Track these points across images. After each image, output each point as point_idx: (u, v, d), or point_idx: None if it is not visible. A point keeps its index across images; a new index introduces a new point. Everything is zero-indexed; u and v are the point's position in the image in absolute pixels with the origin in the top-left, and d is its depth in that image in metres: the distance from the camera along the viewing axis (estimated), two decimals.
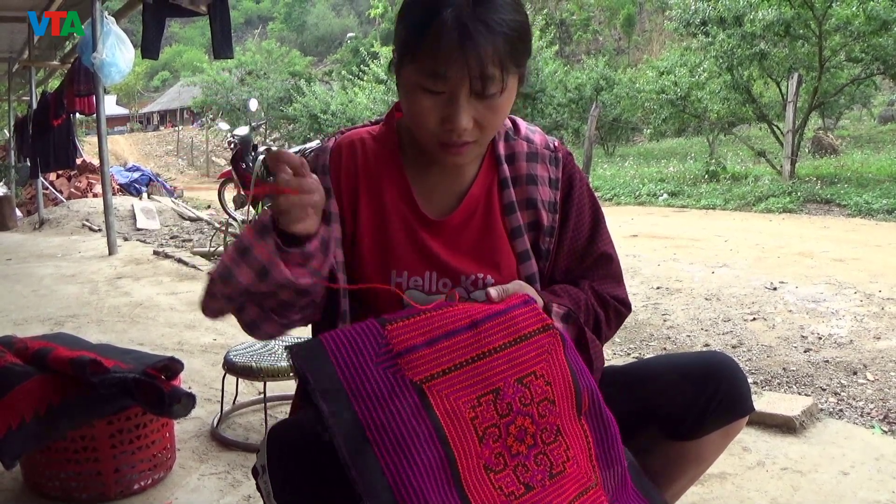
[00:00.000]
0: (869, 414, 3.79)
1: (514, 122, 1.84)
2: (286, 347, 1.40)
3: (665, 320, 5.61)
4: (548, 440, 1.45)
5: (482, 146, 1.66)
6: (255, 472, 1.54)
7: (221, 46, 8.14)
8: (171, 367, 2.73)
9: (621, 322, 1.85)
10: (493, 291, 1.54)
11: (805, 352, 4.71)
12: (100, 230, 11.03)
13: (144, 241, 10.35)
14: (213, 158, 36.87)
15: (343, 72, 36.91)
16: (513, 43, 1.51)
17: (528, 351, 1.47)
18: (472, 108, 1.55)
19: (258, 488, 1.53)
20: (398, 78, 1.60)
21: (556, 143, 1.84)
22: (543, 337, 1.50)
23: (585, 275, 1.81)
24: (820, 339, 4.94)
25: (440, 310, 1.47)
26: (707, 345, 4.98)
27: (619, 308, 1.82)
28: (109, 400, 2.56)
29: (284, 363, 3.08)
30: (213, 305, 1.52)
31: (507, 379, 1.43)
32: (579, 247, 1.80)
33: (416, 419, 1.34)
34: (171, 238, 10.96)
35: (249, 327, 1.60)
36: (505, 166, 1.77)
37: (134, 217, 12.33)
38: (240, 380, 3.44)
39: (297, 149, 13.30)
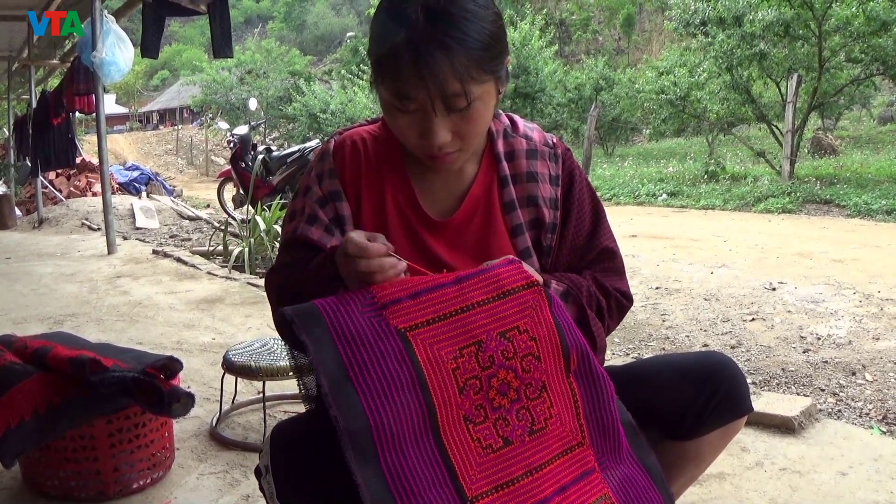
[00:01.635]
0: (868, 414, 3.79)
1: (511, 120, 1.84)
2: (278, 310, 1.42)
3: (664, 320, 5.61)
4: (532, 395, 1.46)
5: (469, 151, 1.67)
6: (258, 473, 1.54)
7: (221, 45, 8.17)
8: (171, 366, 2.73)
9: (623, 314, 1.85)
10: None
11: (804, 352, 4.71)
12: (99, 229, 11.03)
13: (144, 241, 10.35)
14: (213, 158, 36.85)
15: (342, 71, 36.89)
16: (476, 54, 1.50)
17: (511, 306, 1.49)
18: (448, 121, 1.55)
19: (261, 489, 1.53)
20: (377, 94, 1.61)
21: (555, 140, 1.84)
22: (527, 293, 1.51)
23: (588, 269, 1.81)
24: (819, 339, 4.94)
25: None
26: (706, 345, 4.98)
27: (620, 300, 1.81)
28: (109, 399, 2.55)
29: (283, 362, 3.08)
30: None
31: (490, 332, 1.45)
32: (580, 242, 1.81)
33: (398, 363, 1.37)
34: (171, 237, 10.96)
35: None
36: (504, 164, 1.77)
37: (133, 216, 12.32)
38: (239, 379, 3.44)
39: (296, 148, 13.33)
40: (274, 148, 14.32)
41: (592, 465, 1.49)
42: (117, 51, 8.30)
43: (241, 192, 12.81)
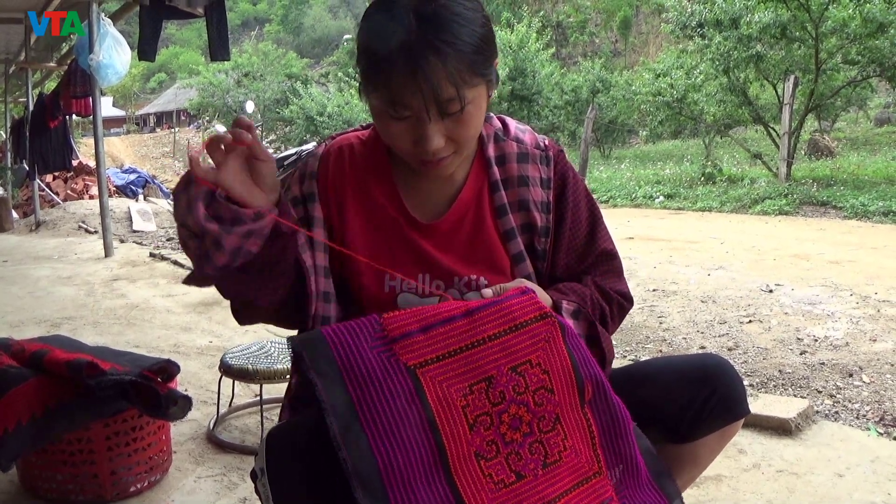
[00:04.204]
0: (864, 416, 3.79)
1: (503, 122, 1.83)
2: (288, 338, 1.40)
3: (661, 322, 5.61)
4: (545, 428, 1.45)
5: (463, 154, 1.65)
6: (253, 476, 1.54)
7: (218, 48, 8.15)
8: (168, 369, 2.73)
9: (624, 315, 1.86)
10: (488, 291, 1.55)
11: (801, 354, 4.72)
12: (96, 232, 11.03)
13: (140, 243, 10.35)
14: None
15: (339, 74, 36.87)
16: (468, 57, 1.49)
17: (522, 340, 1.47)
18: (441, 127, 1.54)
19: (257, 492, 1.53)
20: (367, 102, 1.60)
21: (547, 142, 1.83)
22: (540, 325, 1.49)
23: (587, 272, 1.81)
24: (816, 341, 4.94)
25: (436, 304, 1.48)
26: (703, 347, 4.99)
27: (622, 302, 1.82)
28: (106, 402, 2.55)
29: (280, 366, 3.08)
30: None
31: (501, 367, 1.43)
32: (578, 245, 1.80)
33: (408, 403, 1.36)
34: (168, 240, 10.95)
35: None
36: (495, 168, 1.77)
37: (130, 219, 12.32)
38: (236, 382, 3.43)
39: (293, 151, 13.33)
40: (271, 151, 14.33)
41: (610, 495, 1.48)
42: (114, 53, 8.29)
43: None
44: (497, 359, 1.44)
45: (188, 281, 1.49)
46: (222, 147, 1.39)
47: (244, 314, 1.70)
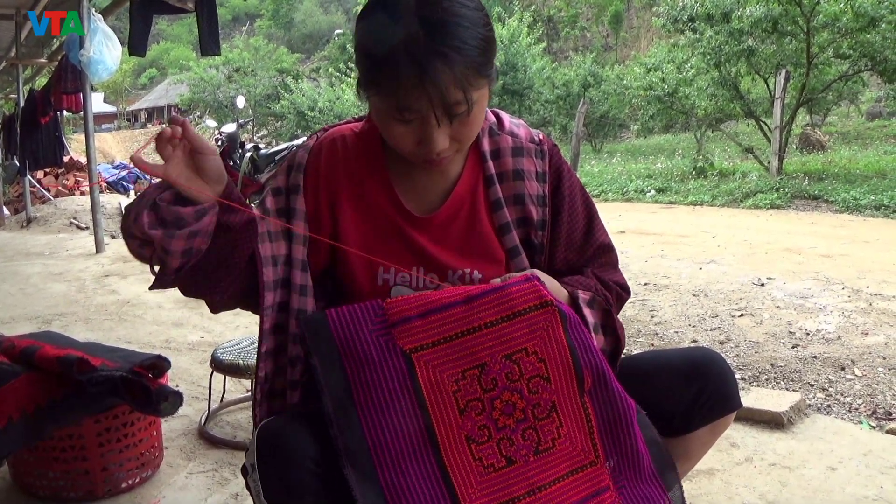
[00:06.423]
0: (857, 409, 3.80)
1: (497, 116, 1.84)
2: (296, 319, 1.46)
3: (653, 316, 5.61)
4: (540, 415, 1.48)
5: (464, 151, 1.68)
6: (244, 471, 1.54)
7: (209, 43, 8.13)
8: (159, 365, 2.72)
9: (622, 306, 1.88)
10: (497, 280, 1.57)
11: (793, 347, 4.72)
12: (87, 228, 11.00)
13: None
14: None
15: (330, 69, 36.92)
16: (474, 60, 1.49)
17: (520, 327, 1.49)
18: (446, 128, 1.54)
19: (248, 487, 1.53)
20: (368, 102, 1.59)
21: (541, 136, 1.84)
22: (539, 314, 1.51)
23: (587, 265, 1.83)
24: (808, 334, 4.95)
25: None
26: (695, 341, 4.99)
27: (620, 293, 1.85)
28: (97, 398, 2.54)
29: None
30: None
31: (495, 355, 1.46)
32: (577, 239, 1.81)
33: (401, 386, 1.41)
34: None
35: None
36: (490, 163, 1.77)
37: (121, 215, 12.27)
38: (227, 378, 3.43)
39: (283, 146, 13.29)
40: (262, 146, 14.28)
41: (606, 484, 1.49)
42: (105, 49, 8.26)
43: None
44: (492, 346, 1.46)
45: (153, 287, 1.56)
46: (168, 144, 1.49)
47: (213, 306, 1.72)
